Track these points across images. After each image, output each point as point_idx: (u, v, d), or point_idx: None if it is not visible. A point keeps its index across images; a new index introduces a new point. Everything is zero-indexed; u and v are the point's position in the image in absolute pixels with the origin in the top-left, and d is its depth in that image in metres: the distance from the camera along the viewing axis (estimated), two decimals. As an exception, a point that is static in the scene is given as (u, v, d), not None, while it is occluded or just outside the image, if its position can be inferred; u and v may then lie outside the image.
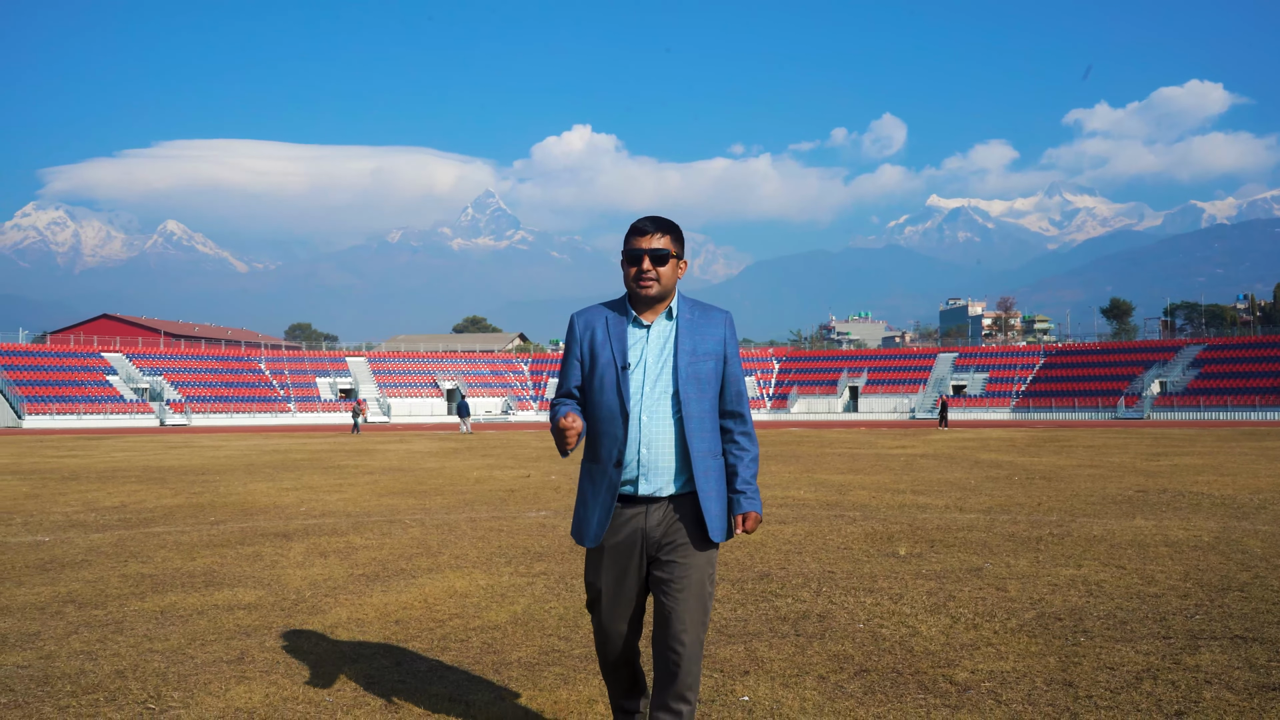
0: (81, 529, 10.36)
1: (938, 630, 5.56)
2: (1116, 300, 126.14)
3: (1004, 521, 10.27)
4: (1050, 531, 9.46)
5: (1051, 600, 6.33)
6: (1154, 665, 4.83)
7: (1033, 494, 13.14)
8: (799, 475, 16.74)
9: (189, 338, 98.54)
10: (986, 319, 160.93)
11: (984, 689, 4.49)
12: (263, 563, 8.08)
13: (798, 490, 13.96)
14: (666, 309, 3.55)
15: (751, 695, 4.43)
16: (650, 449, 3.43)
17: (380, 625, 5.82)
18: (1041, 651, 5.10)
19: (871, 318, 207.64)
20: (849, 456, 22.34)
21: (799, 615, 5.98)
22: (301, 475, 17.81)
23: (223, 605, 6.41)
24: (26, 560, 8.30)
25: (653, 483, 3.44)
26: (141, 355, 73.99)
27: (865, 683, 4.61)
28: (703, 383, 3.49)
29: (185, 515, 11.60)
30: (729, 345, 3.58)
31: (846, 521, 10.40)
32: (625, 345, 3.49)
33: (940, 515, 10.88)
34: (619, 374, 3.46)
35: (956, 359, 79.53)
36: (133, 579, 7.38)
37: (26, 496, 14.03)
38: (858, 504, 12.14)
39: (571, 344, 3.59)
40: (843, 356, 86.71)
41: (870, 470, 17.82)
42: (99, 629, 5.75)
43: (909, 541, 8.91)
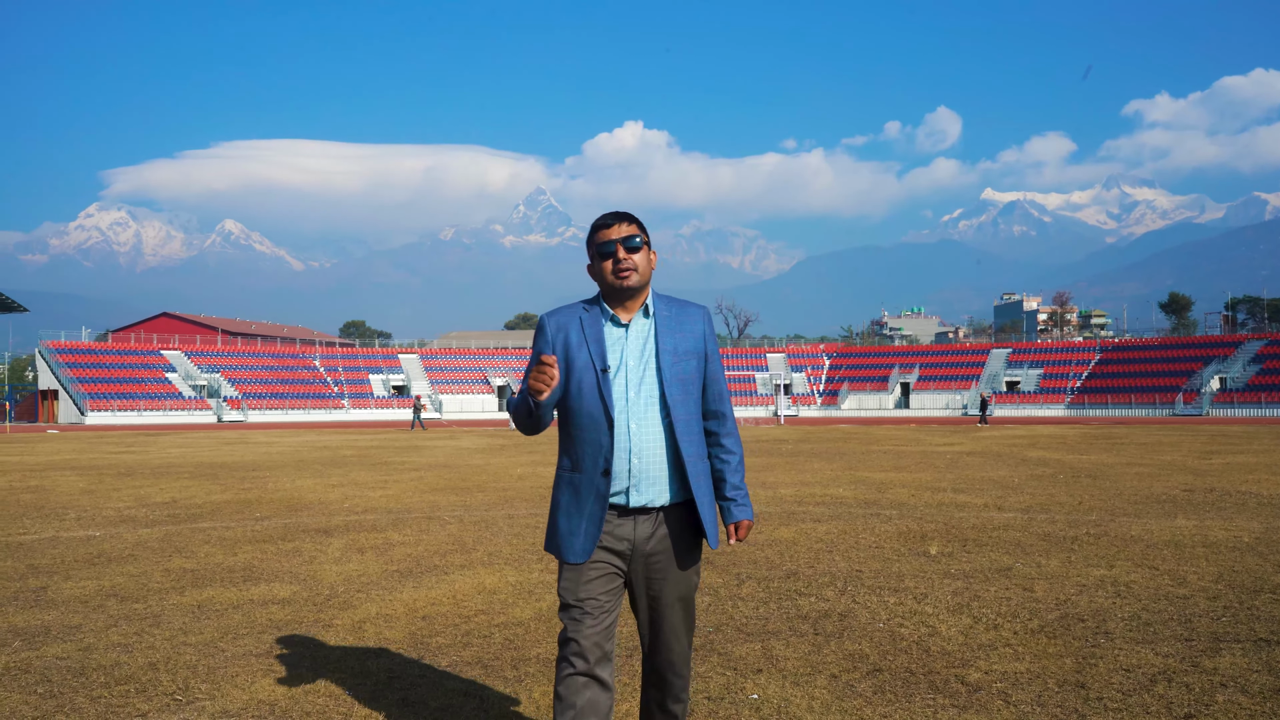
0: (131, 524, 10.64)
1: (957, 630, 5.57)
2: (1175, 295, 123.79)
3: (1041, 521, 10.20)
4: (1087, 531, 9.38)
5: (1077, 601, 6.30)
6: (1171, 668, 4.81)
7: (1075, 493, 13.01)
8: (841, 473, 16.70)
9: (246, 335, 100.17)
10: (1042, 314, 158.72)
11: (995, 690, 4.51)
12: (301, 558, 8.27)
13: (837, 488, 13.94)
14: (643, 306, 3.37)
15: (761, 694, 4.49)
16: (641, 458, 3.24)
17: (407, 621, 5.95)
18: (1059, 653, 5.10)
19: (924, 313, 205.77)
20: (894, 454, 22.21)
21: (820, 614, 6.01)
22: (349, 472, 18.09)
23: (258, 600, 6.58)
24: (76, 554, 8.56)
25: (645, 494, 3.26)
26: (200, 353, 75.36)
27: (877, 682, 4.64)
28: (687, 384, 3.33)
29: (232, 511, 11.86)
30: (709, 342, 3.42)
31: (882, 520, 10.39)
32: (603, 346, 3.29)
33: (977, 514, 10.83)
34: (599, 377, 3.26)
35: (1010, 355, 78.53)
36: (175, 573, 7.59)
37: (83, 492, 14.41)
38: (896, 502, 12.11)
39: (542, 346, 3.35)
40: (894, 352, 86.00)
41: (913, 468, 17.72)
42: (137, 622, 5.94)
43: (941, 540, 8.89)
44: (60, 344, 69.81)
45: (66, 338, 72.55)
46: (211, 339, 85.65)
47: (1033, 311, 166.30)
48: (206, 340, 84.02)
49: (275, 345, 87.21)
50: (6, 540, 9.50)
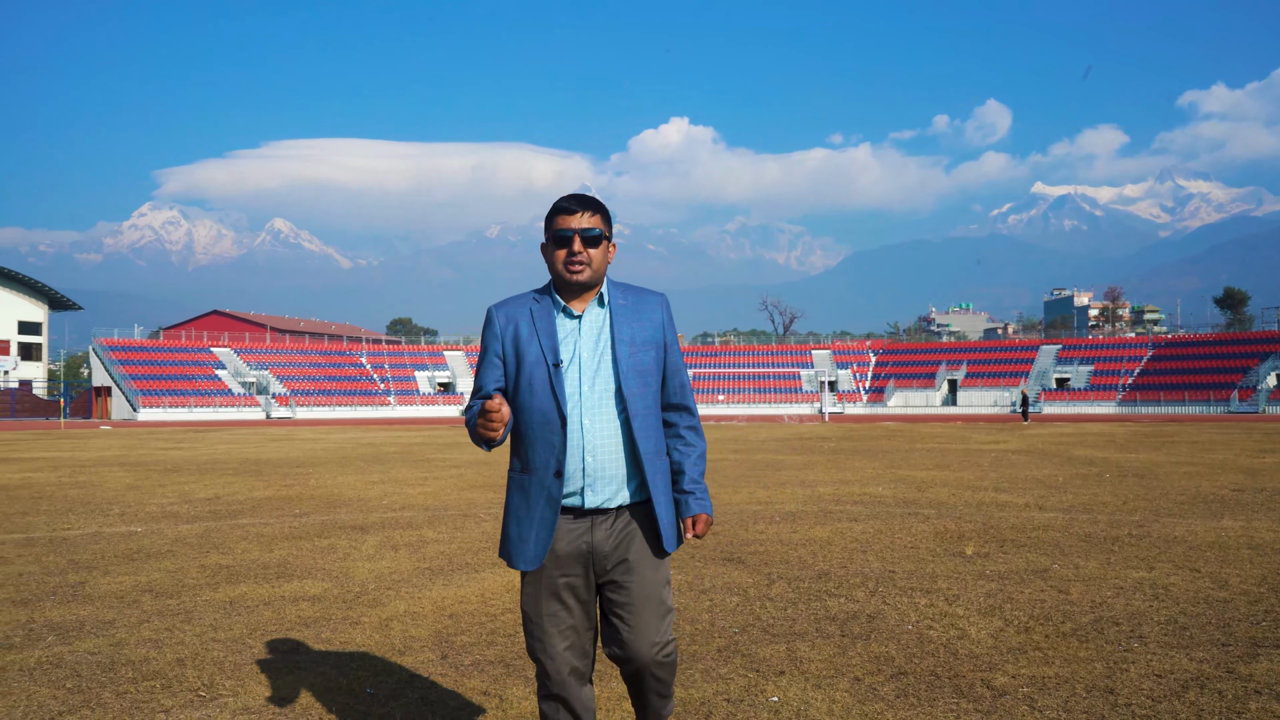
0: (173, 520, 10.79)
1: (987, 633, 5.49)
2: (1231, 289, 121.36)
3: (1083, 521, 10.03)
4: (1129, 532, 9.21)
5: (1113, 604, 6.18)
6: (1205, 674, 4.70)
7: (1120, 492, 12.79)
8: (881, 471, 16.55)
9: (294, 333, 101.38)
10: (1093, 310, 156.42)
11: (1020, 694, 4.42)
12: (335, 555, 8.33)
13: (876, 487, 13.82)
14: (597, 295, 3.20)
15: (781, 696, 4.44)
16: (595, 456, 3.08)
17: (434, 619, 5.97)
18: (1090, 657, 5.00)
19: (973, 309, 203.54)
20: (938, 452, 21.99)
21: (848, 616, 5.95)
22: (390, 468, 18.23)
23: (289, 597, 6.64)
24: (117, 550, 8.68)
25: (601, 493, 3.09)
26: (249, 350, 76.39)
27: (900, 685, 4.58)
28: (645, 375, 3.16)
29: (273, 507, 11.99)
30: (668, 331, 3.25)
31: (919, 520, 10.27)
32: (555, 339, 3.12)
33: (1018, 514, 10.67)
34: (550, 372, 3.09)
35: (1060, 351, 77.50)
36: (210, 569, 7.68)
37: (128, 488, 14.64)
38: (935, 501, 11.97)
39: (490, 341, 3.20)
40: (941, 349, 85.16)
41: (956, 466, 17.52)
42: (169, 618, 6.02)
43: (978, 541, 8.77)
44: (113, 341, 71.11)
45: (120, 335, 73.92)
46: (260, 336, 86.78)
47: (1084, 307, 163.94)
48: (255, 338, 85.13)
49: (323, 343, 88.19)
50: (51, 535, 9.67)
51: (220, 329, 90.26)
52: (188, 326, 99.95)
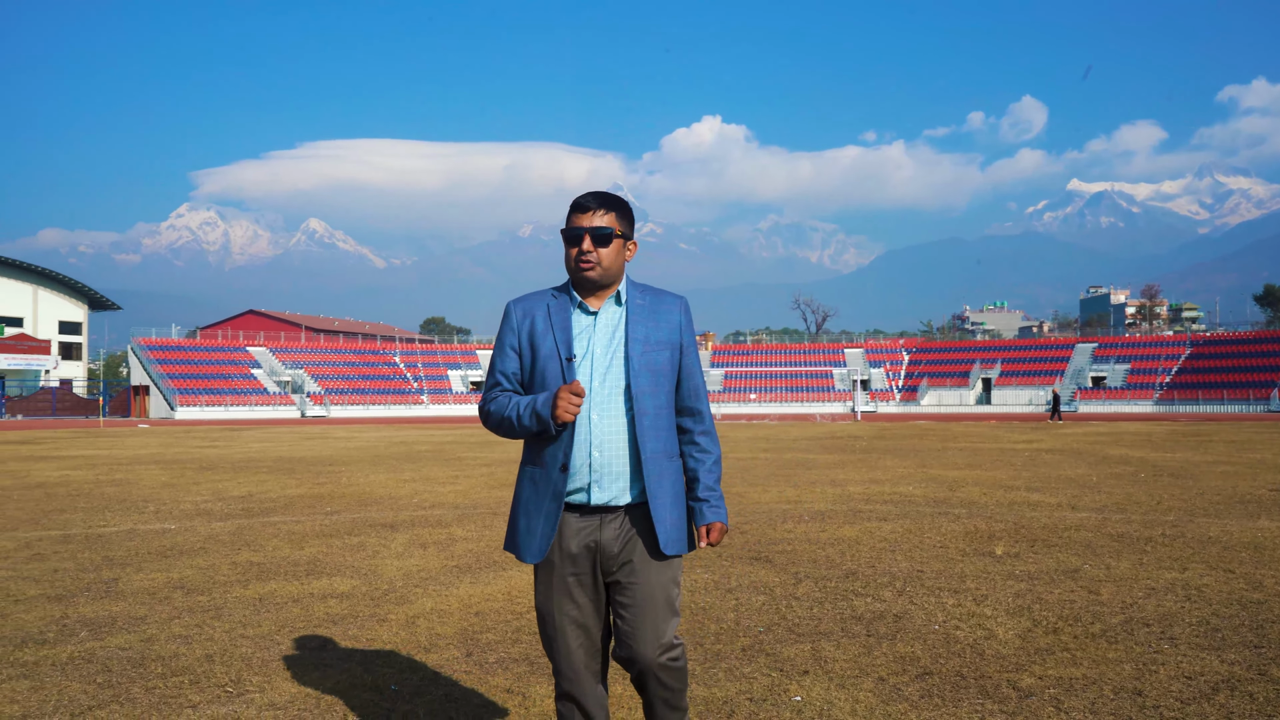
0: (206, 518, 10.90)
1: (1014, 634, 5.44)
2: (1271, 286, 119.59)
3: (1116, 521, 9.92)
4: (1163, 533, 9.10)
5: (1144, 605, 6.11)
6: (1236, 676, 4.64)
7: (1155, 492, 12.64)
8: (913, 470, 16.45)
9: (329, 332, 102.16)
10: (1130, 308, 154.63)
11: (1047, 695, 4.38)
12: (365, 553, 8.39)
13: (907, 486, 13.74)
14: (615, 294, 3.21)
15: (804, 696, 4.42)
16: (602, 451, 3.08)
17: (461, 616, 5.99)
18: (1119, 658, 4.94)
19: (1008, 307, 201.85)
20: (970, 451, 21.82)
21: (874, 615, 5.92)
22: (422, 467, 18.33)
23: (318, 594, 6.69)
24: (150, 547, 8.79)
25: (607, 490, 3.09)
26: (284, 349, 77.06)
27: (925, 686, 4.55)
28: (658, 375, 3.16)
29: (305, 505, 12.08)
30: (685, 333, 3.25)
31: (950, 519, 10.20)
32: (570, 335, 3.14)
33: (1050, 514, 10.58)
34: (564, 366, 3.10)
35: (1095, 349, 76.69)
36: (241, 566, 7.75)
37: (164, 486, 14.81)
38: (966, 501, 11.88)
39: (506, 333, 3.23)
40: (975, 347, 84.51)
41: (989, 466, 17.39)
42: (200, 614, 6.08)
43: (1009, 541, 8.70)
44: (151, 341, 71.97)
45: (157, 335, 74.79)
46: (295, 336, 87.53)
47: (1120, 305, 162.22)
48: (290, 337, 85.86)
49: (357, 342, 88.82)
50: (87, 532, 9.80)
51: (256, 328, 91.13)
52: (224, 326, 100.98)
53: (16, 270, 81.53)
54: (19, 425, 50.36)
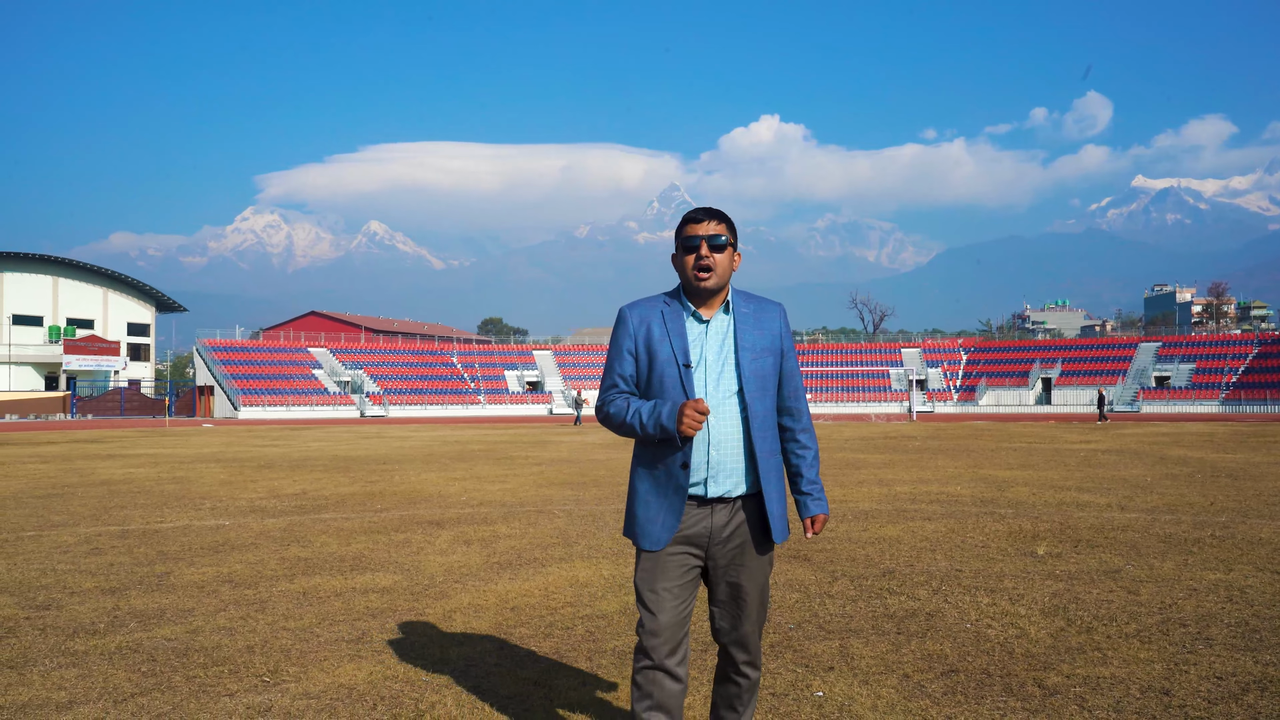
0: (259, 514, 11.15)
1: (1046, 632, 5.42)
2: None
3: (1165, 521, 9.78)
4: (1212, 533, 8.96)
5: (1183, 605, 6.04)
6: (1270, 677, 4.58)
7: (1209, 492, 12.42)
8: (964, 470, 16.31)
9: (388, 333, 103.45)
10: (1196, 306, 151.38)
11: (1072, 694, 4.37)
12: (409, 549, 8.54)
13: (956, 486, 13.63)
14: (724, 303, 3.44)
15: (826, 691, 4.45)
16: (719, 450, 3.34)
17: (496, 611, 6.10)
18: (1150, 658, 4.91)
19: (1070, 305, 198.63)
20: (1025, 451, 21.56)
21: (907, 613, 5.92)
22: (473, 466, 18.54)
23: (360, 588, 6.84)
24: (203, 542, 9.03)
25: (722, 484, 3.35)
26: (344, 350, 78.17)
27: (949, 683, 4.56)
28: (765, 380, 3.42)
29: (356, 503, 12.30)
30: (785, 339, 3.50)
31: (995, 519, 10.12)
32: (685, 342, 3.36)
33: (1098, 514, 10.45)
34: (681, 372, 3.33)
35: (1159, 349, 75.15)
36: (289, 562, 7.94)
37: (221, 483, 15.15)
38: (1014, 501, 11.77)
39: (623, 338, 3.44)
40: (1034, 346, 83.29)
41: (1042, 466, 17.18)
42: (245, 607, 6.25)
43: (1052, 540, 8.62)
44: (216, 342, 73.42)
45: (222, 336, 76.28)
46: (355, 337, 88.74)
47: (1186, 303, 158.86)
48: (350, 338, 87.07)
49: (415, 343, 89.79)
50: (144, 528, 10.08)
51: (317, 329, 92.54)
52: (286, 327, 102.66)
53: (87, 273, 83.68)
54: (88, 425, 51.66)
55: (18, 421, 58.20)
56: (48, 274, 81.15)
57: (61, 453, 23.77)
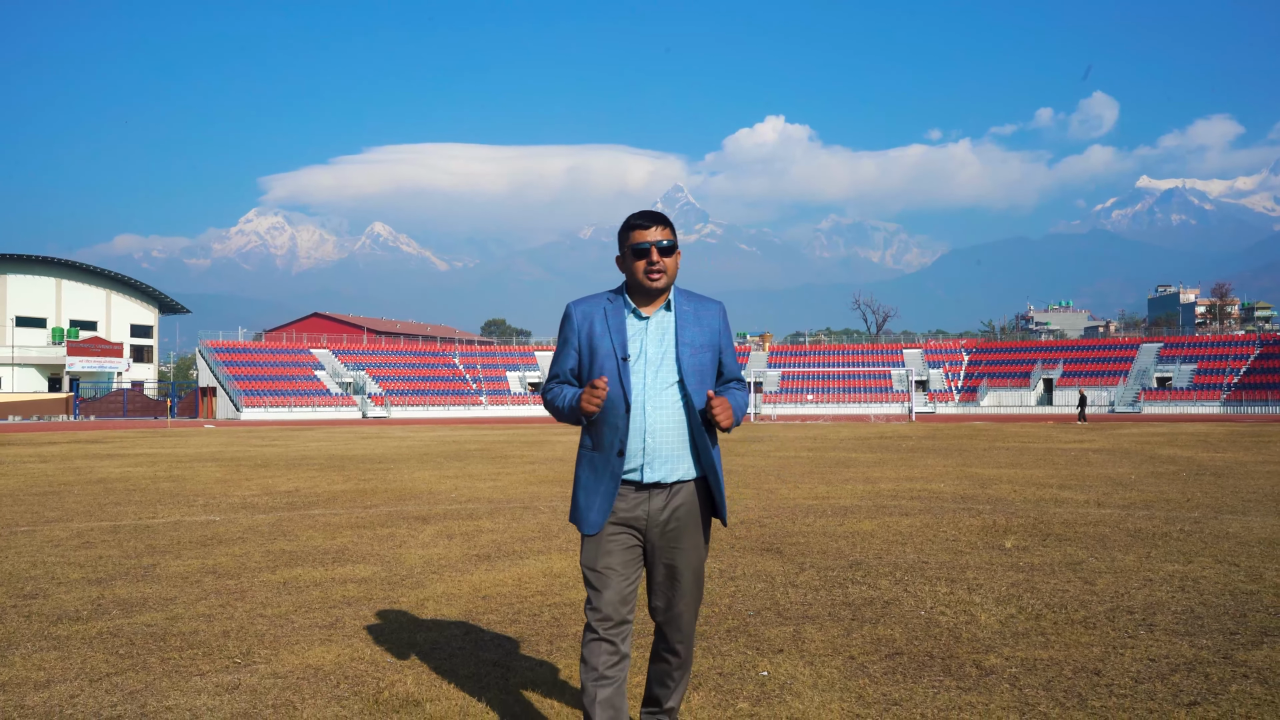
0: (250, 511, 11.36)
1: (996, 619, 5.60)
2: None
3: (1138, 517, 9.96)
4: (1180, 528, 9.13)
5: (1135, 594, 6.22)
6: (1201, 659, 4.76)
7: (1189, 490, 12.59)
8: (951, 469, 16.48)
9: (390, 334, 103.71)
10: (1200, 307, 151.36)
11: (1006, 674, 4.56)
12: (392, 543, 8.74)
13: (939, 484, 13.81)
14: (665, 301, 3.62)
15: (771, 671, 4.65)
16: (654, 438, 3.51)
17: (468, 600, 6.29)
18: (1090, 642, 5.09)
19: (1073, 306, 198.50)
20: (1017, 451, 21.73)
21: (864, 602, 6.10)
22: (467, 464, 18.74)
23: (339, 579, 7.04)
24: (192, 537, 9.23)
25: (658, 470, 3.52)
26: (346, 351, 78.45)
27: (891, 664, 4.74)
28: (703, 374, 3.59)
29: (346, 500, 12.50)
30: (723, 336, 3.69)
31: (971, 514, 10.30)
32: (625, 337, 3.55)
33: (1073, 510, 10.63)
34: (619, 365, 3.52)
35: (1161, 349, 75.21)
36: (274, 554, 8.14)
37: (217, 481, 15.36)
38: (994, 498, 11.95)
39: (569, 333, 3.63)
40: (1036, 347, 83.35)
41: (1030, 465, 17.35)
42: (225, 596, 6.45)
43: (1021, 535, 8.80)
44: (219, 343, 73.72)
45: (225, 337, 76.58)
46: (358, 338, 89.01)
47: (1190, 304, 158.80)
48: (353, 339, 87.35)
49: (417, 344, 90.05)
50: (136, 523, 10.28)
51: (320, 331, 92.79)
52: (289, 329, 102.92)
53: (90, 275, 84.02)
54: (91, 426, 51.94)
55: (21, 422, 58.50)
56: (51, 276, 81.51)
57: (62, 453, 24.01)
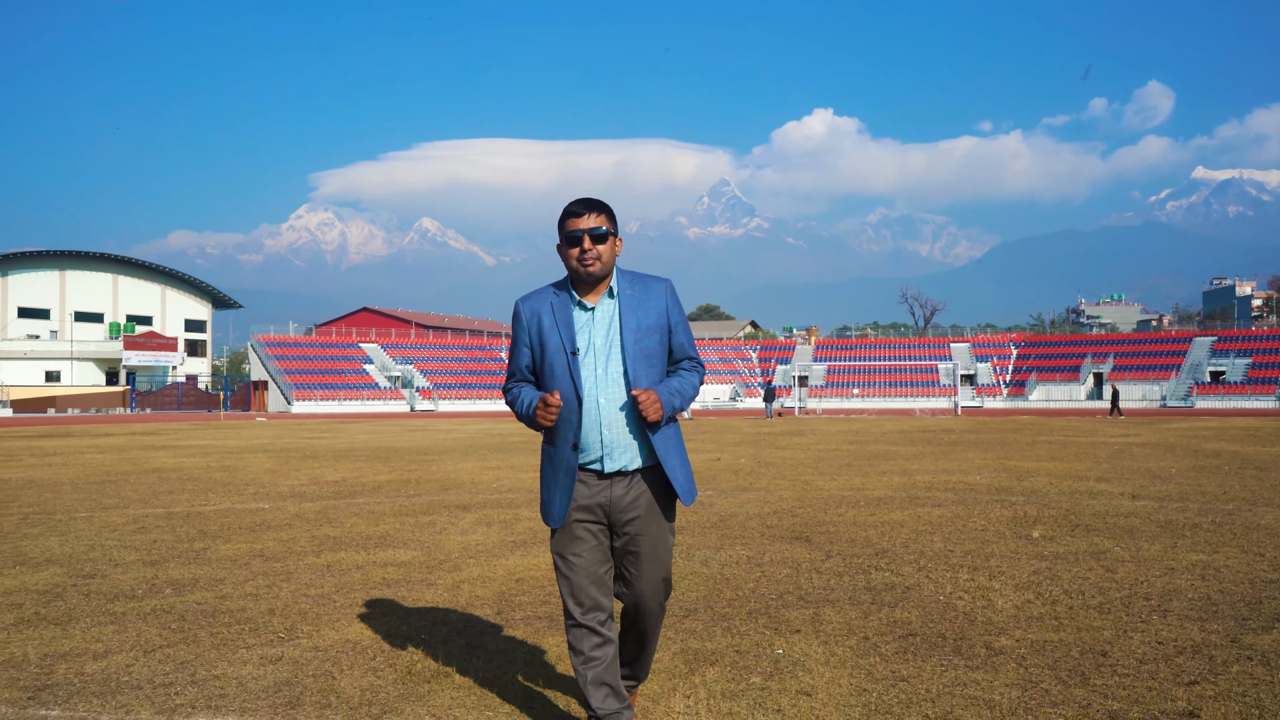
0: (298, 499, 11.72)
1: (1012, 604, 5.74)
2: None
3: (1172, 509, 9.99)
4: (1212, 520, 9.16)
5: (1154, 582, 6.32)
6: (1208, 643, 4.88)
7: (1227, 483, 12.55)
8: (989, 462, 16.50)
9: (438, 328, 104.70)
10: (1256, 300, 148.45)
11: (1015, 654, 4.70)
12: (433, 529, 9.02)
13: (975, 476, 13.87)
14: (608, 288, 3.64)
15: (786, 650, 4.83)
16: (612, 430, 3.56)
17: (502, 582, 6.54)
18: (1102, 626, 5.22)
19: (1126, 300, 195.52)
20: (1059, 444, 21.63)
21: (885, 587, 6.27)
22: (510, 456, 19.04)
23: (379, 562, 7.32)
24: (242, 523, 9.58)
25: (617, 460, 3.58)
26: (395, 345, 79.40)
27: (904, 645, 4.91)
28: (651, 357, 3.62)
29: (391, 489, 12.83)
30: (672, 315, 3.69)
31: (1003, 506, 10.38)
32: (572, 330, 3.59)
33: (1107, 502, 10.67)
34: (569, 360, 3.56)
35: (1215, 343, 73.99)
36: (319, 540, 8.45)
37: (266, 471, 15.79)
38: (1029, 489, 12.00)
39: (519, 331, 3.70)
40: (1086, 341, 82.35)
41: (1071, 458, 17.31)
42: (272, 578, 6.76)
43: (1051, 525, 8.89)
44: (270, 338, 74.93)
45: (276, 332, 77.84)
46: (406, 332, 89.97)
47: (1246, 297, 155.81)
48: (401, 334, 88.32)
49: (464, 338, 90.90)
50: (189, 510, 10.67)
51: (369, 325, 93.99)
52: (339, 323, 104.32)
53: (146, 271, 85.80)
54: (146, 419, 53.11)
55: (79, 415, 59.96)
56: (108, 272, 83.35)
57: (118, 444, 24.68)
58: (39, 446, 23.49)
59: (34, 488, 13.22)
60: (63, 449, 22.28)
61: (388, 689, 4.34)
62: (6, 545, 8.27)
